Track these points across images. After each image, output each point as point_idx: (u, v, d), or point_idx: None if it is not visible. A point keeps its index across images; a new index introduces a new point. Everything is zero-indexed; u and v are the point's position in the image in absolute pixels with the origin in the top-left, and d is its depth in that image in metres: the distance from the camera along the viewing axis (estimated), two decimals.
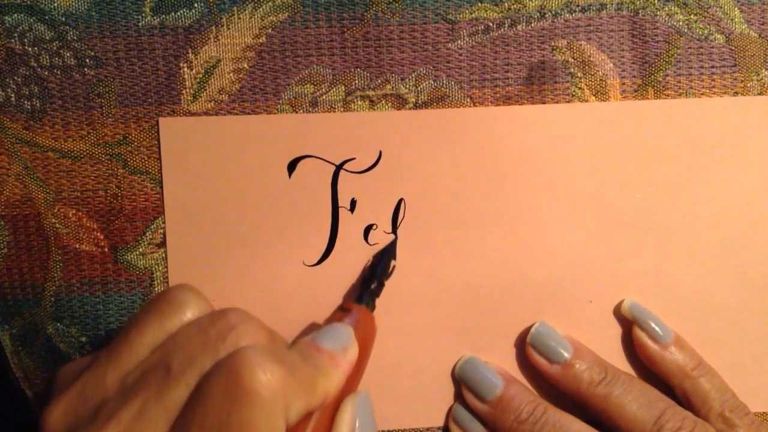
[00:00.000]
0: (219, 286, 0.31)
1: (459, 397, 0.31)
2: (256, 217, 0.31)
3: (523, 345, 0.31)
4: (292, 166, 0.31)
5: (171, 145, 0.30)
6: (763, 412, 0.32)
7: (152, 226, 0.31)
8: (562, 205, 0.31)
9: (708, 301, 0.31)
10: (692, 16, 0.31)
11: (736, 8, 0.31)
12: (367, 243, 0.31)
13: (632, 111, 0.31)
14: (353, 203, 0.31)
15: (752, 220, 0.31)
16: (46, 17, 0.30)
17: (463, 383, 0.30)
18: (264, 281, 0.31)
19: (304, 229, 0.31)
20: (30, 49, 0.30)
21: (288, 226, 0.31)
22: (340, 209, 0.31)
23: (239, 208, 0.31)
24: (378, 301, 0.30)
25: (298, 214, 0.31)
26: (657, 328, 0.30)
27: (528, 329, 0.31)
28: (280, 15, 0.30)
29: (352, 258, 0.31)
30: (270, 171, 0.30)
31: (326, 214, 0.31)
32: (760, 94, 0.31)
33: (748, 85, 0.31)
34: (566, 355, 0.29)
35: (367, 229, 0.31)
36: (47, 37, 0.30)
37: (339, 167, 0.31)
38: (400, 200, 0.31)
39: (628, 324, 0.31)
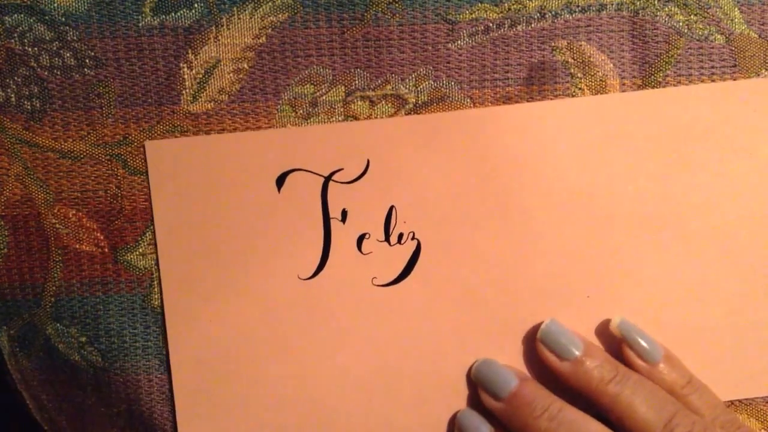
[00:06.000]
0: (215, 305, 0.31)
1: (461, 402, 0.31)
2: (248, 234, 0.31)
3: (524, 343, 0.31)
4: (280, 181, 0.30)
5: (159, 167, 0.30)
6: (765, 397, 0.32)
7: (152, 227, 0.31)
8: (556, 201, 0.31)
9: (706, 289, 0.31)
10: (692, 17, 0.31)
11: (736, 9, 0.31)
12: (361, 252, 0.31)
13: (624, 102, 0.31)
14: (344, 213, 0.31)
15: (746, 205, 0.31)
16: (46, 17, 0.30)
17: (479, 384, 0.30)
18: (259, 297, 0.31)
19: (297, 243, 0.31)
20: (30, 49, 0.30)
21: (280, 240, 0.31)
22: (331, 220, 0.31)
23: (231, 226, 0.30)
24: (378, 308, 0.30)
25: (289, 227, 0.31)
26: (646, 346, 0.30)
27: (537, 326, 0.30)
28: (280, 15, 0.30)
29: (347, 268, 0.31)
30: (259, 187, 0.30)
31: (318, 226, 0.31)
32: None
33: None
34: (576, 352, 0.29)
35: (360, 239, 0.31)
36: (47, 38, 0.30)
37: (327, 179, 0.31)
38: (392, 207, 0.31)
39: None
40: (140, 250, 0.31)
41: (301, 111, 0.31)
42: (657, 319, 0.31)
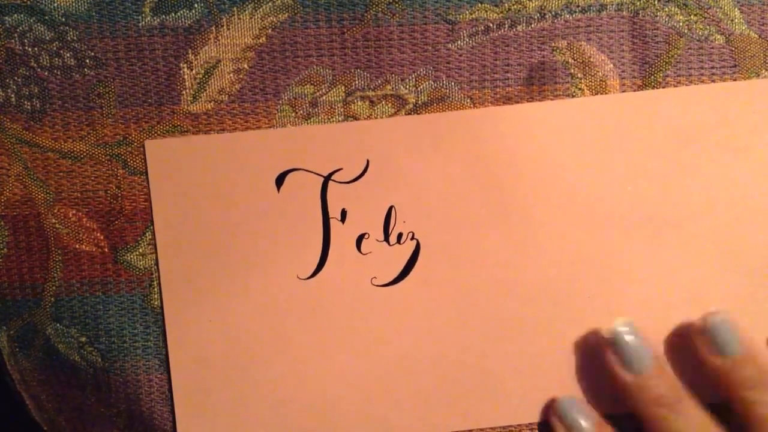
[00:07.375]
0: (214, 305, 0.31)
1: (462, 402, 0.31)
2: (247, 234, 0.31)
3: (523, 343, 0.31)
4: (280, 181, 0.30)
5: (159, 167, 0.30)
6: None
7: (152, 227, 0.31)
8: (556, 201, 0.31)
9: (706, 289, 0.31)
10: (692, 17, 0.31)
11: (736, 9, 0.31)
12: (360, 252, 0.31)
13: (624, 103, 0.31)
14: (344, 213, 0.31)
15: (746, 205, 0.31)
16: (46, 17, 0.30)
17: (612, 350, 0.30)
18: (259, 297, 0.31)
19: (296, 243, 0.31)
20: (30, 49, 0.30)
21: (280, 240, 0.31)
22: (331, 220, 0.31)
23: (230, 226, 0.30)
24: (378, 308, 0.30)
25: (289, 227, 0.31)
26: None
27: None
28: (280, 15, 0.30)
29: (347, 268, 0.31)
30: (259, 186, 0.30)
31: (317, 226, 0.31)
32: None
33: None
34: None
35: (360, 239, 0.31)
36: (47, 38, 0.30)
37: (327, 178, 0.31)
38: (391, 207, 0.31)
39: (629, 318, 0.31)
40: (140, 250, 0.31)
41: (301, 111, 0.31)
42: (657, 319, 0.31)
